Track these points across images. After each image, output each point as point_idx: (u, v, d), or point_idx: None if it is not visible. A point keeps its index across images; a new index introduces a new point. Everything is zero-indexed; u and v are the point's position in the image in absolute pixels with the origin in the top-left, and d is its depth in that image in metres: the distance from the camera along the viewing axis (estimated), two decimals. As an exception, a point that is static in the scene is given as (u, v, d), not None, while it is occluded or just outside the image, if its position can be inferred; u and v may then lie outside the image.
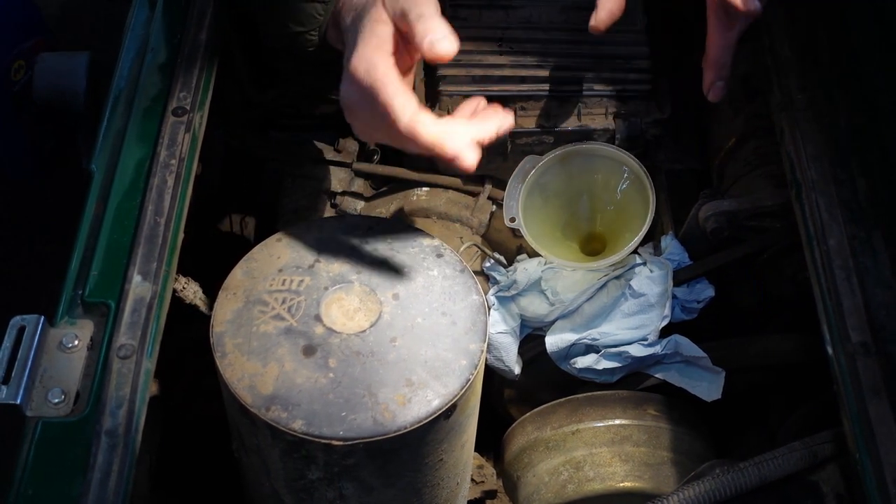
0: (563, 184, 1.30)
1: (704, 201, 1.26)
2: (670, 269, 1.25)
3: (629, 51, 1.33)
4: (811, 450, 1.04)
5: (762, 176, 1.30)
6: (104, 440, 0.93)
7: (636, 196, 1.27)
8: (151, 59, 1.21)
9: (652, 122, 1.31)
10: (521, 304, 1.28)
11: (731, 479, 1.02)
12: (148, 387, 0.97)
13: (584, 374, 1.26)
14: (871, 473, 0.95)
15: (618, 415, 1.29)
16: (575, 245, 1.32)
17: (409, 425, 1.01)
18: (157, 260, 1.04)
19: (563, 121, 1.30)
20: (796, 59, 1.21)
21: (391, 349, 1.05)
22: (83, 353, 0.99)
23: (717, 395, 1.25)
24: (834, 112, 1.17)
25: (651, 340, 1.23)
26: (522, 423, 1.33)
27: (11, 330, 0.98)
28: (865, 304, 1.03)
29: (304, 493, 1.08)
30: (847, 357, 1.00)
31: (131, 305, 1.01)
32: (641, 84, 1.31)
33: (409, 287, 1.10)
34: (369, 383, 1.02)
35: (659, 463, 1.27)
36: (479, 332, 1.08)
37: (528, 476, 1.32)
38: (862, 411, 0.97)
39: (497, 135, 1.08)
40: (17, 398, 0.95)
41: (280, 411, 1.00)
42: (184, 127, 1.13)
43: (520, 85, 1.30)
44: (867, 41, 1.23)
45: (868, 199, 1.10)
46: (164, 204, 1.08)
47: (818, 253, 1.07)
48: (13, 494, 0.92)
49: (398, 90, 0.99)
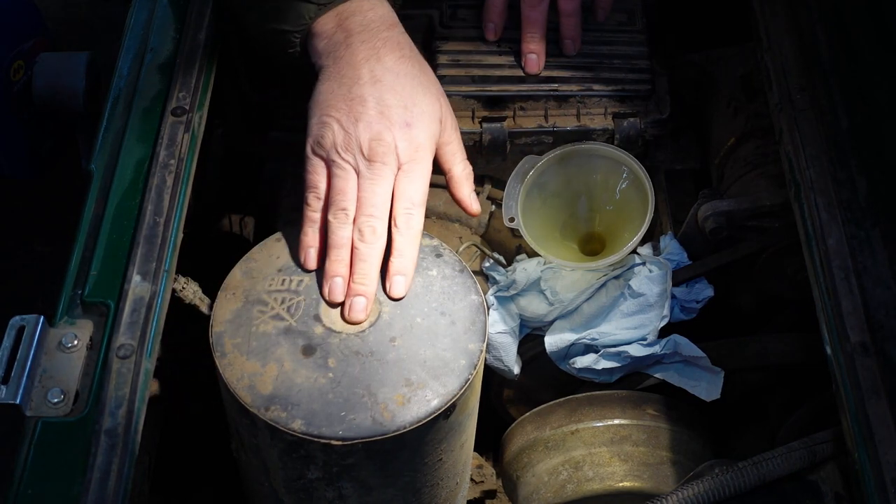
0: (563, 184, 1.30)
1: (704, 201, 1.26)
2: (669, 268, 1.24)
3: (629, 51, 1.33)
4: (810, 449, 1.04)
5: (761, 176, 1.30)
6: (104, 440, 0.93)
7: (635, 196, 1.27)
8: (151, 59, 1.21)
9: (651, 122, 1.31)
10: (521, 304, 1.28)
11: (731, 478, 1.02)
12: (147, 387, 0.98)
13: (584, 373, 1.26)
14: (870, 473, 0.95)
15: (617, 415, 1.29)
16: (574, 245, 1.32)
17: (408, 425, 1.01)
18: (157, 260, 1.04)
19: (561, 121, 1.30)
20: (796, 59, 1.21)
21: (390, 349, 1.05)
22: (83, 353, 0.99)
23: (716, 394, 1.25)
24: (834, 112, 1.17)
25: (650, 340, 1.23)
26: (522, 422, 1.33)
27: (11, 330, 0.98)
28: (864, 304, 1.03)
29: (304, 493, 1.08)
30: (846, 357, 1.00)
31: (131, 305, 1.01)
32: (641, 84, 1.31)
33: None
34: (368, 383, 1.02)
35: (658, 463, 1.27)
36: (478, 331, 1.08)
37: (527, 476, 1.32)
38: (861, 411, 0.97)
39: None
40: (16, 398, 0.95)
41: (279, 411, 1.00)
42: (183, 127, 1.13)
43: (518, 85, 1.30)
44: (867, 41, 1.23)
45: (867, 199, 1.10)
46: (164, 204, 1.08)
47: (817, 253, 1.07)
48: (13, 494, 0.92)
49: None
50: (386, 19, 1.13)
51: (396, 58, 1.10)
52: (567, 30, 1.30)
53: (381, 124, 1.06)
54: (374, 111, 1.07)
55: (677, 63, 1.43)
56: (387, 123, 1.06)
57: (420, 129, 1.08)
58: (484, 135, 1.29)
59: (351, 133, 1.06)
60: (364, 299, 1.05)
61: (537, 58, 1.29)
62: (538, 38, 1.29)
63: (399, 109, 1.07)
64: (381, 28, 1.11)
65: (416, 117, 1.08)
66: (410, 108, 1.08)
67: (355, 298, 1.05)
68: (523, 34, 1.29)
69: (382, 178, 1.06)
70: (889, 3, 1.24)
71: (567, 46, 1.30)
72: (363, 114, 1.06)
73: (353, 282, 1.05)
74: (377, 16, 1.12)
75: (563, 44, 1.30)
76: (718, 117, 1.41)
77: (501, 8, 1.30)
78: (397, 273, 1.07)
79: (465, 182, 1.15)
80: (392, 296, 1.06)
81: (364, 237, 1.06)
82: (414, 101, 1.08)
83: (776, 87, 1.19)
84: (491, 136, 1.29)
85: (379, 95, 1.07)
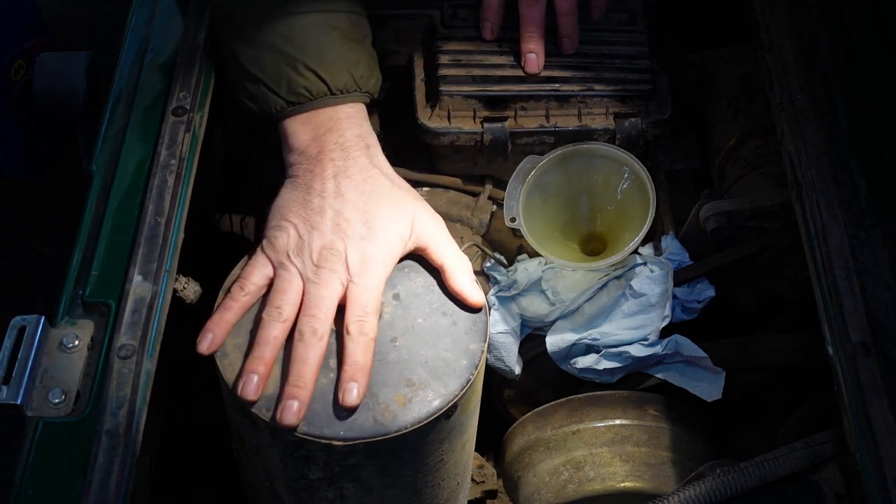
0: (564, 184, 1.30)
1: (704, 201, 1.26)
2: (671, 269, 1.24)
3: (629, 51, 1.33)
4: (811, 450, 1.04)
5: (762, 176, 1.30)
6: (105, 440, 0.93)
7: (636, 196, 1.27)
8: (151, 59, 1.21)
9: (652, 122, 1.31)
10: (522, 304, 1.28)
11: (732, 479, 1.02)
12: (148, 387, 0.97)
13: (585, 374, 1.26)
14: (872, 473, 0.95)
15: (618, 415, 1.29)
16: (575, 245, 1.32)
17: (409, 425, 1.01)
18: (158, 260, 1.04)
19: (563, 121, 1.30)
20: (796, 59, 1.21)
21: (392, 349, 1.05)
22: (83, 353, 0.99)
23: (717, 395, 1.25)
24: (834, 112, 1.17)
25: (651, 340, 1.23)
26: (523, 423, 1.33)
27: (12, 330, 0.98)
28: (865, 304, 1.03)
29: (304, 493, 1.08)
30: (847, 357, 1.00)
31: (132, 305, 1.01)
32: (641, 84, 1.31)
33: (409, 287, 1.10)
34: (370, 383, 1.02)
35: (659, 463, 1.27)
36: (479, 332, 1.08)
37: (528, 476, 1.32)
38: (862, 411, 0.97)
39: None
40: (17, 398, 0.95)
41: (280, 411, 1.00)
42: (184, 127, 1.13)
43: (520, 85, 1.30)
44: (867, 41, 1.23)
45: (868, 199, 1.10)
46: (165, 204, 1.08)
47: (818, 253, 1.07)
48: (13, 494, 0.92)
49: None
50: (363, 139, 1.12)
51: (364, 177, 1.09)
52: (564, 28, 1.30)
53: (335, 235, 1.06)
54: (331, 222, 1.06)
55: (677, 63, 1.43)
56: (341, 235, 1.06)
57: (376, 244, 1.06)
58: (485, 135, 1.28)
59: (305, 240, 1.06)
60: (297, 402, 0.99)
61: (537, 57, 1.29)
62: (537, 37, 1.29)
63: (357, 224, 1.06)
64: (355, 148, 1.10)
65: (373, 232, 1.07)
66: (369, 224, 1.07)
67: (287, 401, 0.99)
68: (521, 34, 1.29)
69: (328, 283, 1.04)
70: (889, 3, 1.24)
71: (565, 45, 1.30)
72: (320, 223, 1.06)
73: (289, 384, 1.00)
74: (354, 135, 1.11)
75: (561, 42, 1.30)
76: (719, 117, 1.41)
77: (497, 7, 1.30)
78: (350, 380, 1.01)
79: (458, 272, 1.09)
80: (345, 405, 1.00)
81: (304, 337, 1.02)
82: (375, 218, 1.07)
83: (777, 87, 1.19)
84: (492, 136, 1.28)
85: (339, 209, 1.07)
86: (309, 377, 1.00)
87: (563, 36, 1.30)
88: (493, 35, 1.30)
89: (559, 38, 1.30)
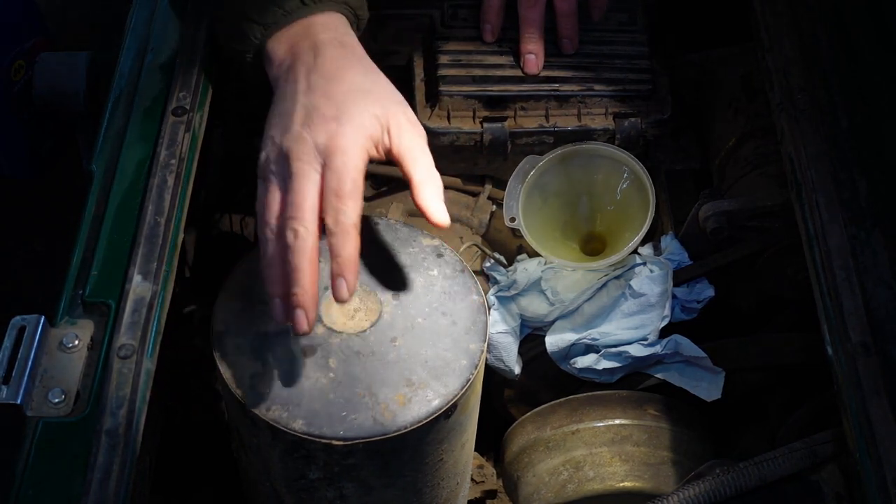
0: (563, 184, 1.30)
1: (704, 201, 1.26)
2: (670, 269, 1.25)
3: (629, 51, 1.33)
4: (811, 450, 1.04)
5: (762, 176, 1.30)
6: (104, 440, 0.93)
7: (636, 196, 1.27)
8: (152, 58, 1.21)
9: (652, 122, 1.31)
10: (522, 303, 1.28)
11: (732, 478, 1.02)
12: (148, 387, 0.97)
13: (585, 373, 1.26)
14: (872, 473, 0.95)
15: (618, 415, 1.29)
16: (575, 245, 1.32)
17: (409, 425, 1.01)
18: (158, 260, 1.04)
19: (562, 121, 1.30)
20: (796, 59, 1.21)
21: (391, 349, 1.05)
22: (83, 353, 0.99)
23: (717, 394, 1.25)
24: (834, 112, 1.17)
25: (651, 340, 1.23)
26: (522, 422, 1.33)
27: (12, 330, 0.98)
28: (865, 304, 1.03)
29: (304, 493, 1.08)
30: (847, 357, 1.00)
31: (132, 305, 1.01)
32: (641, 84, 1.31)
33: (409, 287, 1.10)
34: (370, 383, 1.02)
35: (659, 463, 1.27)
36: (479, 331, 1.08)
37: (528, 476, 1.32)
38: (862, 411, 0.97)
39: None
40: (17, 398, 0.94)
41: (280, 411, 1.00)
42: (184, 127, 1.13)
43: (519, 85, 1.30)
44: (867, 41, 1.23)
45: (868, 199, 1.10)
46: (165, 204, 1.08)
47: (818, 253, 1.07)
48: (13, 494, 0.92)
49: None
50: (337, 39, 1.08)
51: (337, 66, 1.05)
52: (564, 29, 1.30)
53: (304, 127, 1.01)
54: (301, 119, 1.02)
55: (677, 63, 1.43)
56: (309, 124, 1.01)
57: (345, 122, 1.01)
58: (485, 135, 1.29)
59: (279, 145, 1.02)
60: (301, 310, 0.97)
61: (536, 58, 1.29)
62: (536, 38, 1.29)
63: (327, 109, 1.01)
64: (329, 47, 1.07)
65: (343, 110, 1.01)
66: (339, 104, 1.02)
67: (297, 311, 0.97)
68: (521, 34, 1.29)
69: (299, 175, 0.99)
70: (889, 3, 1.24)
71: (565, 46, 1.30)
72: (291, 125, 1.02)
73: (293, 294, 0.97)
74: (328, 38, 1.08)
75: (561, 43, 1.31)
76: (719, 117, 1.41)
77: (498, 9, 1.30)
78: (336, 276, 0.98)
79: (427, 187, 1.03)
80: (337, 299, 0.98)
81: (287, 243, 0.97)
82: (346, 98, 1.02)
83: (777, 87, 1.19)
84: (492, 136, 1.29)
85: (308, 102, 1.03)
86: (306, 281, 0.97)
87: (563, 37, 1.30)
88: (493, 37, 1.31)
89: (559, 38, 1.30)
